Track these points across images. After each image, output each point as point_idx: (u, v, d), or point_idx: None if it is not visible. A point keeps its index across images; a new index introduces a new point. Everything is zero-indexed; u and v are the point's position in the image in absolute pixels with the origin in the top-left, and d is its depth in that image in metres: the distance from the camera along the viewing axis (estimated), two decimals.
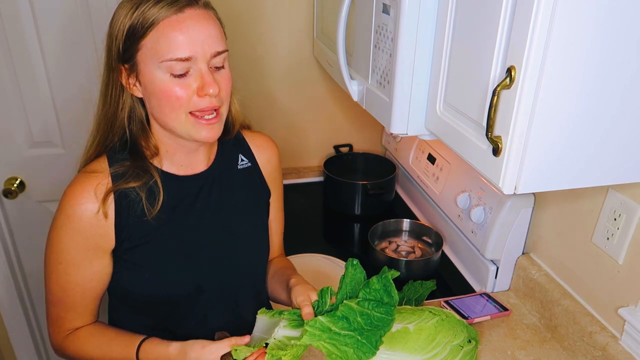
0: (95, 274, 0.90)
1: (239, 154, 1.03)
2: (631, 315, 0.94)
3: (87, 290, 0.91)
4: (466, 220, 1.36)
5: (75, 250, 0.87)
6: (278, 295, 1.05)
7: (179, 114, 0.84)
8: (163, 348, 0.87)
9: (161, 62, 0.80)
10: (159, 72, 0.81)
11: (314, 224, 1.73)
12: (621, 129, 0.73)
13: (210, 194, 0.96)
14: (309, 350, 1.03)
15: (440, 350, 0.96)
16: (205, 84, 0.82)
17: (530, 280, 1.22)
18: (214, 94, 0.82)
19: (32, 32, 1.51)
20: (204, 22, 0.82)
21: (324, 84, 1.87)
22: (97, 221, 0.86)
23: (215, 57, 0.83)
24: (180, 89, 0.82)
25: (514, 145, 0.70)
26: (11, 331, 1.86)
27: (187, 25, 0.79)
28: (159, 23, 0.79)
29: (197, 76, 0.82)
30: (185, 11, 0.80)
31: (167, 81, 0.81)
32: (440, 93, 0.89)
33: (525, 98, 0.67)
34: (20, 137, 1.63)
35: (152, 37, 0.80)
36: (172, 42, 0.79)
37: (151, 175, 0.89)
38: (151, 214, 0.88)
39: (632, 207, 0.93)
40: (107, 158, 0.90)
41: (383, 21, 0.98)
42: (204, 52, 0.81)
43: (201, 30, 0.81)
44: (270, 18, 1.72)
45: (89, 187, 0.86)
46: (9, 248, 1.74)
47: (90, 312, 0.94)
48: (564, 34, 0.64)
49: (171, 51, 0.79)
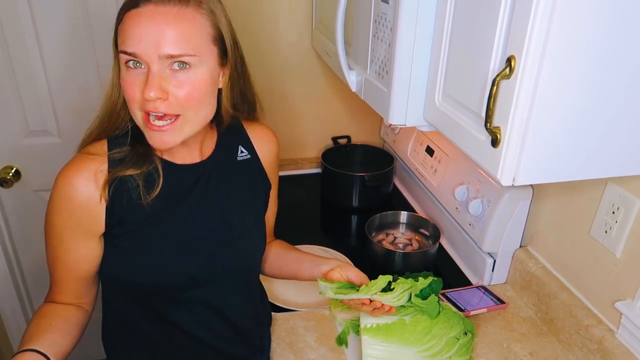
0: (81, 255, 0.90)
1: (239, 145, 1.02)
2: (628, 309, 0.94)
3: (71, 270, 0.91)
4: (464, 213, 1.35)
5: (64, 230, 0.87)
6: (305, 272, 1.07)
7: (134, 108, 0.82)
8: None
9: (119, 52, 0.79)
10: (120, 63, 0.80)
11: (312, 216, 1.73)
12: (622, 121, 0.72)
13: (207, 184, 0.95)
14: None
15: (437, 342, 0.96)
16: (147, 86, 0.77)
17: (527, 274, 1.22)
18: (152, 98, 0.77)
19: (28, 21, 1.49)
20: (164, 22, 0.76)
21: (322, 75, 1.86)
22: (89, 204, 0.85)
23: (170, 60, 0.77)
24: (129, 80, 0.79)
25: (513, 136, 0.69)
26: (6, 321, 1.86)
27: (138, 21, 0.77)
28: (125, 13, 0.79)
29: (146, 75, 0.79)
30: (147, 6, 0.77)
31: (124, 72, 0.80)
32: (439, 83, 0.88)
33: (524, 88, 0.66)
34: (16, 126, 1.62)
35: (120, 27, 0.80)
36: (125, 34, 0.78)
37: (152, 161, 0.89)
38: (147, 199, 0.88)
39: (631, 200, 0.92)
40: (107, 142, 0.89)
41: (382, 10, 0.97)
42: (153, 52, 0.77)
43: (156, 30, 0.76)
44: (268, 8, 1.70)
45: (83, 169, 0.85)
46: (4, 237, 1.74)
47: (72, 292, 0.94)
48: (565, 24, 0.63)
49: (123, 43, 0.78)
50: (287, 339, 1.12)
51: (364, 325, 0.97)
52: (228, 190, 0.98)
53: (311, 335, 1.12)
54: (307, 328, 1.14)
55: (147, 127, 0.81)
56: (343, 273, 1.00)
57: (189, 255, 0.93)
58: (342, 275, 0.99)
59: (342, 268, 1.01)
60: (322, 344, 1.10)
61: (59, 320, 0.91)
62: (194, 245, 0.93)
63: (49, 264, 0.94)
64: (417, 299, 0.98)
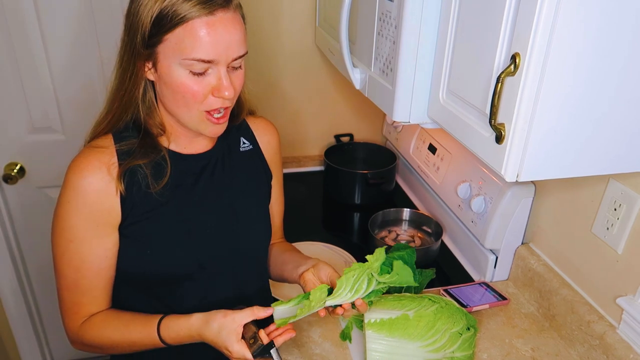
0: (108, 251, 0.89)
1: (241, 137, 1.05)
2: (629, 305, 0.95)
3: (101, 271, 0.90)
4: (466, 210, 1.36)
5: (85, 226, 0.86)
6: (288, 275, 1.05)
7: (191, 109, 0.85)
8: (184, 321, 0.87)
9: (183, 60, 0.80)
10: (179, 68, 0.81)
11: (315, 213, 1.74)
12: (625, 118, 0.73)
13: (213, 173, 0.97)
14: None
15: (440, 337, 0.97)
16: (222, 87, 0.83)
17: (529, 270, 1.23)
18: (229, 96, 0.84)
19: (33, 18, 1.50)
20: (232, 27, 0.81)
21: (325, 73, 1.87)
22: (103, 195, 0.86)
23: (236, 60, 0.84)
24: (197, 86, 0.82)
25: (517, 132, 0.70)
26: (11, 318, 1.87)
27: (215, 29, 0.79)
28: (189, 22, 0.78)
29: (215, 77, 0.83)
30: (217, 14, 0.79)
31: (185, 77, 0.82)
32: (443, 81, 0.89)
33: (529, 85, 0.67)
34: (20, 123, 1.63)
35: (179, 33, 0.79)
36: (197, 43, 0.79)
37: (159, 151, 0.91)
38: (156, 188, 0.89)
39: (633, 197, 0.93)
40: (112, 136, 0.90)
41: (387, 8, 0.97)
42: (226, 56, 0.82)
43: (228, 36, 0.81)
44: (271, 6, 1.71)
45: (93, 161, 0.86)
46: (8, 233, 1.75)
47: (105, 296, 0.93)
48: (570, 21, 0.64)
49: (195, 51, 0.79)
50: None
51: (367, 320, 0.98)
52: (232, 180, 1.00)
53: (315, 331, 1.13)
54: (311, 323, 1.15)
55: (208, 121, 0.87)
56: (315, 274, 0.96)
57: (197, 243, 0.94)
58: (314, 277, 0.95)
59: (315, 268, 0.96)
60: (326, 339, 1.11)
61: (124, 313, 0.94)
62: (201, 233, 0.95)
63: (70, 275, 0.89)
64: (384, 276, 0.90)
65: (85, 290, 0.90)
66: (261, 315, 0.85)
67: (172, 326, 0.88)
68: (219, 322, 0.84)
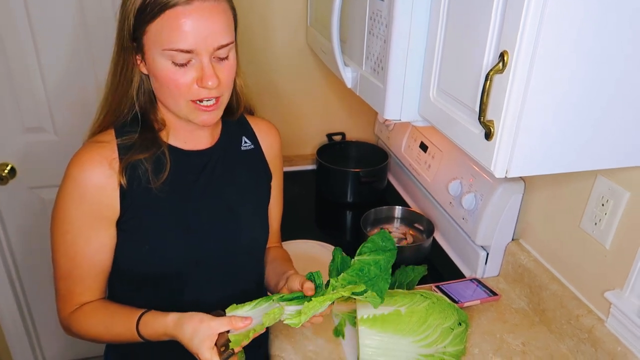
0: (103, 245, 0.90)
1: (243, 136, 1.05)
2: (617, 298, 0.97)
3: (95, 263, 0.91)
4: (457, 207, 1.37)
5: (82, 219, 0.87)
6: (271, 282, 1.07)
7: (178, 100, 0.85)
8: (161, 319, 0.86)
9: (163, 50, 0.80)
10: (162, 59, 0.82)
11: (307, 211, 1.74)
12: (612, 114, 0.74)
13: (213, 171, 0.98)
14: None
15: (431, 332, 0.98)
16: (205, 77, 0.82)
17: (519, 266, 1.24)
18: (213, 86, 0.83)
19: (24, 19, 1.49)
20: (211, 16, 0.81)
21: (316, 72, 1.88)
22: (103, 190, 0.86)
23: (219, 50, 0.83)
24: (181, 77, 0.82)
25: (506, 129, 0.71)
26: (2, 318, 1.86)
27: (192, 18, 0.79)
28: (165, 11, 0.79)
29: (198, 67, 0.83)
30: (194, 3, 0.79)
31: (168, 68, 0.82)
32: (433, 79, 0.90)
33: (517, 82, 0.68)
34: (11, 123, 1.62)
35: (158, 23, 0.79)
36: (175, 32, 0.79)
37: (159, 146, 0.91)
38: (156, 184, 0.90)
39: (620, 192, 0.95)
40: (114, 130, 0.91)
41: (377, 7, 0.98)
42: (206, 45, 0.81)
43: (206, 25, 0.80)
44: (263, 5, 1.71)
45: (95, 155, 0.86)
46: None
47: (98, 286, 0.94)
48: (556, 19, 0.65)
49: (173, 42, 0.79)
50: (285, 331, 1.13)
51: (360, 317, 0.99)
52: (233, 178, 1.00)
53: (308, 327, 1.14)
54: None
55: (197, 110, 0.86)
56: (288, 286, 0.94)
57: (194, 240, 0.95)
58: (286, 289, 0.94)
59: (289, 280, 0.95)
60: (320, 336, 1.12)
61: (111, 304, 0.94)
62: (199, 230, 0.95)
63: (65, 265, 0.91)
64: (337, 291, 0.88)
65: (79, 280, 0.91)
66: (239, 326, 0.82)
67: (150, 323, 0.87)
68: (194, 327, 0.81)
